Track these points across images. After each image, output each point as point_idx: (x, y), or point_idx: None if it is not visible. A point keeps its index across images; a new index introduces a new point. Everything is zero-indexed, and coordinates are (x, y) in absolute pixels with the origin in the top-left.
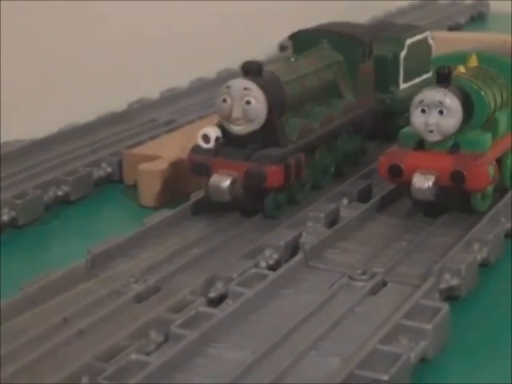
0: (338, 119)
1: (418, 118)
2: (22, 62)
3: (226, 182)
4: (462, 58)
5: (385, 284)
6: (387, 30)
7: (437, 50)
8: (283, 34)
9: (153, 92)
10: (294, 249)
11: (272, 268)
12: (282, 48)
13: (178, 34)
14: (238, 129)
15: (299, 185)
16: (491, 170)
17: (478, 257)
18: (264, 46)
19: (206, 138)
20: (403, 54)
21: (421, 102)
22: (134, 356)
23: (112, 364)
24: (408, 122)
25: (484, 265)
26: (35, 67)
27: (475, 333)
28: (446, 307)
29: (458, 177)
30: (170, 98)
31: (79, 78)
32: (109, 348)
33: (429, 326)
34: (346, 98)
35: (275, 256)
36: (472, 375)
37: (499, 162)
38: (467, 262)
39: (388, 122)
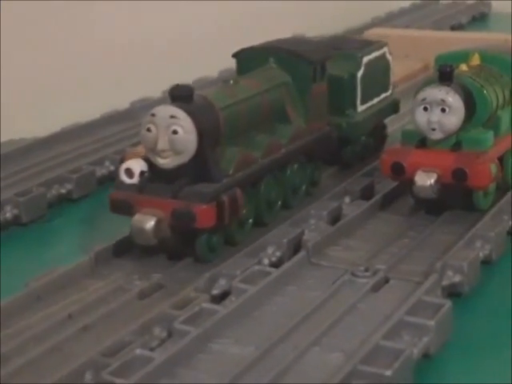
0: (286, 147)
1: (420, 116)
2: (25, 61)
3: (150, 223)
4: (464, 57)
5: (387, 281)
6: (342, 46)
7: (439, 49)
8: (283, 34)
9: (155, 91)
10: (296, 246)
11: (275, 265)
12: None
13: (181, 34)
14: (165, 162)
15: (238, 224)
16: (493, 168)
17: (481, 254)
18: None
19: (129, 173)
20: (360, 73)
21: (423, 99)
22: (138, 351)
23: (116, 359)
24: (366, 148)
25: (486, 262)
26: (38, 66)
27: (477, 329)
28: (448, 304)
29: (460, 175)
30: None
31: (82, 77)
32: (113, 344)
33: (431, 323)
34: (294, 124)
35: (278, 253)
36: (474, 371)
37: (501, 159)
38: (469, 259)
39: (345, 148)
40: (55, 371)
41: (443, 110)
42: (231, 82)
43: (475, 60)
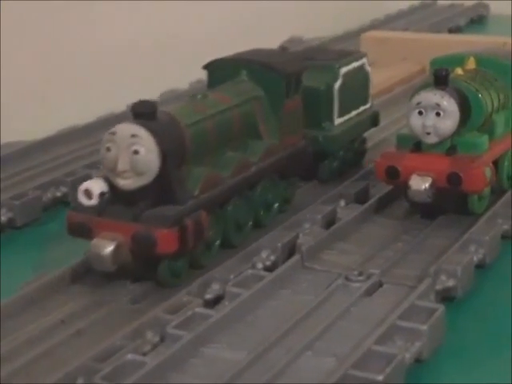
0: (257, 165)
1: (415, 120)
2: (22, 63)
3: (109, 248)
4: (460, 60)
5: (381, 285)
6: (318, 57)
7: (436, 52)
8: (284, 34)
9: (152, 93)
10: (290, 250)
11: (269, 269)
12: (283, 49)
13: (178, 36)
14: (126, 183)
15: (204, 246)
16: (488, 172)
17: (475, 258)
18: (264, 47)
19: (87, 194)
20: (337, 84)
21: (418, 103)
22: (130, 356)
23: (108, 364)
24: (344, 162)
25: (480, 266)
26: (34, 68)
27: (471, 334)
28: (441, 308)
29: (454, 179)
30: (170, 99)
31: (79, 79)
32: (105, 348)
33: (424, 327)
34: (267, 140)
35: (272, 257)
36: (467, 376)
37: (496, 163)
38: (463, 264)
39: (322, 163)
40: (47, 376)
41: (438, 114)
42: (199, 96)
43: (470, 64)
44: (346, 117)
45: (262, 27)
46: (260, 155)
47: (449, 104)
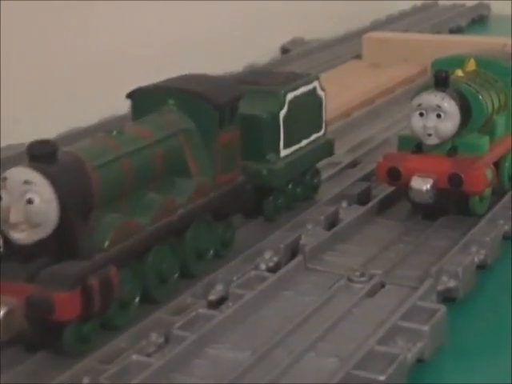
0: (185, 207)
1: (416, 122)
2: (24, 65)
3: None
4: (460, 62)
5: (383, 286)
6: (262, 81)
7: (438, 53)
8: (285, 36)
9: None
10: (293, 251)
11: (272, 270)
12: (284, 51)
13: (179, 37)
14: (20, 237)
15: (119, 305)
16: (489, 172)
17: (476, 259)
18: (265, 48)
19: None
20: (283, 112)
21: (419, 105)
22: (135, 357)
23: (113, 365)
24: (293, 197)
25: (482, 267)
26: (36, 71)
27: (472, 334)
28: (442, 309)
29: (455, 180)
30: None
31: (81, 81)
32: (110, 350)
33: (426, 328)
34: (197, 178)
35: (275, 258)
36: (468, 377)
37: (497, 164)
38: (464, 264)
39: (266, 199)
40: (53, 377)
41: (439, 116)
42: (114, 132)
43: (471, 65)
44: (295, 147)
45: (264, 29)
46: (189, 195)
47: (449, 106)
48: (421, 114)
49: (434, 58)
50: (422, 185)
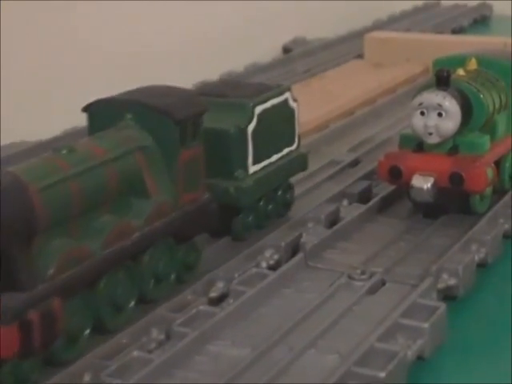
0: (142, 230)
1: (417, 121)
2: (27, 63)
3: None
4: (462, 61)
5: (383, 283)
6: (230, 93)
7: (440, 53)
8: (287, 35)
9: None
10: (294, 249)
11: (273, 268)
12: (286, 50)
13: (181, 37)
14: None
15: (67, 338)
16: (489, 172)
17: (476, 257)
18: (267, 48)
19: None
20: (252, 126)
21: (420, 104)
22: (136, 353)
23: (114, 361)
24: (264, 215)
25: (482, 265)
26: (40, 68)
27: (472, 332)
28: (443, 306)
29: (456, 179)
30: None
31: (84, 80)
32: (111, 346)
33: (426, 325)
34: (156, 198)
35: (276, 256)
36: (468, 374)
37: (498, 163)
38: (465, 263)
39: (235, 218)
40: (54, 373)
41: (440, 115)
42: (64, 151)
43: (472, 65)
44: (265, 162)
45: (266, 28)
46: (146, 217)
47: (450, 105)
48: (422, 113)
49: (436, 57)
50: (422, 183)
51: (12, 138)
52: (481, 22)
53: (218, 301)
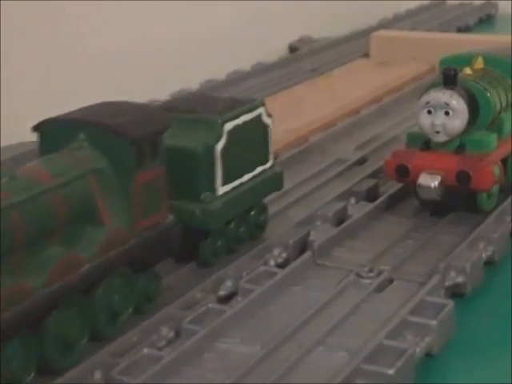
0: (94, 261)
1: (424, 119)
2: (27, 64)
3: None
4: (468, 60)
5: (391, 281)
6: (198, 109)
7: (445, 51)
8: (293, 34)
9: (163, 93)
10: (302, 247)
11: (281, 266)
12: (292, 49)
13: (187, 36)
14: None
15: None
16: (496, 170)
17: (484, 255)
18: (273, 47)
19: None
20: (221, 144)
21: (427, 103)
22: (146, 350)
23: (125, 359)
24: (235, 238)
25: (489, 263)
26: (43, 71)
27: (480, 329)
28: (450, 304)
29: (463, 177)
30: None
31: (86, 83)
32: (121, 344)
33: (434, 322)
34: (110, 226)
35: (284, 254)
36: (476, 371)
37: (505, 161)
38: (472, 260)
39: (203, 242)
40: (64, 370)
41: (447, 113)
42: (4, 178)
43: (479, 63)
44: (235, 183)
45: (272, 27)
46: (99, 247)
47: (458, 103)
48: (429, 112)
49: (442, 56)
50: (430, 182)
51: (18, 139)
52: (486, 20)
53: (227, 299)
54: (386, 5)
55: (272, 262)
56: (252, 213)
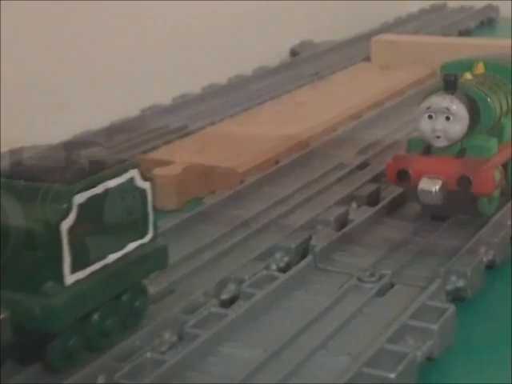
0: None
1: (425, 124)
2: (36, 66)
3: None
4: (469, 65)
5: (392, 285)
6: (39, 175)
7: (447, 55)
8: (294, 38)
9: (165, 98)
10: (304, 251)
11: (283, 270)
12: (293, 53)
13: (190, 40)
14: None
15: None
16: (497, 174)
17: (484, 259)
18: (275, 51)
19: None
20: (69, 221)
21: (428, 108)
22: (149, 354)
23: (128, 363)
24: (97, 335)
25: (490, 267)
26: (46, 74)
27: (481, 333)
28: (451, 308)
29: (464, 181)
30: (183, 104)
31: (93, 85)
32: (124, 348)
33: (435, 326)
34: None
35: (286, 259)
36: (477, 375)
37: (506, 166)
38: (473, 265)
39: (52, 343)
40: (67, 375)
41: (448, 118)
42: None
43: (479, 69)
44: (94, 266)
45: (273, 31)
46: None
47: (458, 108)
48: (430, 117)
49: (443, 59)
50: (430, 186)
51: (24, 142)
52: (487, 24)
53: (229, 303)
54: (387, 9)
55: (274, 266)
56: (124, 299)
